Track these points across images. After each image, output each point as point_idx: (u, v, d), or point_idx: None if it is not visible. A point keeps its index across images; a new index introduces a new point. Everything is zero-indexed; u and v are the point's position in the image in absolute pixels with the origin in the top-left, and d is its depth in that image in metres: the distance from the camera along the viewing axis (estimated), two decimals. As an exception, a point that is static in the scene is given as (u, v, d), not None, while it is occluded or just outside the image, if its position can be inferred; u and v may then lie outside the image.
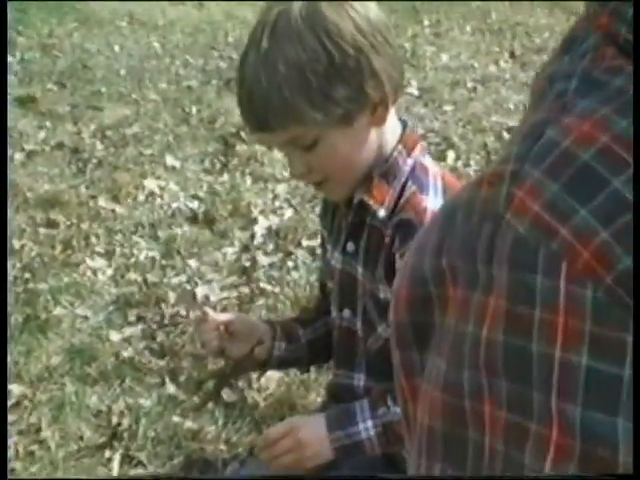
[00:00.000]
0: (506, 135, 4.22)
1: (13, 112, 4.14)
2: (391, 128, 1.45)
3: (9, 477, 2.02)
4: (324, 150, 1.38)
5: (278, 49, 1.34)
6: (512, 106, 4.60)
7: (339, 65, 1.34)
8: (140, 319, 2.77)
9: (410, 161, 1.45)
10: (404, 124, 1.50)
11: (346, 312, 1.56)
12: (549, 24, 5.88)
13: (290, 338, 1.70)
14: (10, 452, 2.17)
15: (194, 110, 4.37)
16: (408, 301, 0.52)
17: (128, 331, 2.71)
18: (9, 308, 2.67)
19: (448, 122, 4.32)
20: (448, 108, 4.50)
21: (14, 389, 2.38)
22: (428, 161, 1.50)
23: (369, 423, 1.48)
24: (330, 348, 1.67)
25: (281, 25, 1.35)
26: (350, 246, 1.50)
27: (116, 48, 5.15)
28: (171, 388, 2.47)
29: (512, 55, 5.43)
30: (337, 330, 1.60)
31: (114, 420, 2.33)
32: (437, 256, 0.50)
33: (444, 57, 5.48)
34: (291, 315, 2.81)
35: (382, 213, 1.43)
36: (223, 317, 1.66)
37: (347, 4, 1.37)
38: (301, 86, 1.33)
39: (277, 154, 3.94)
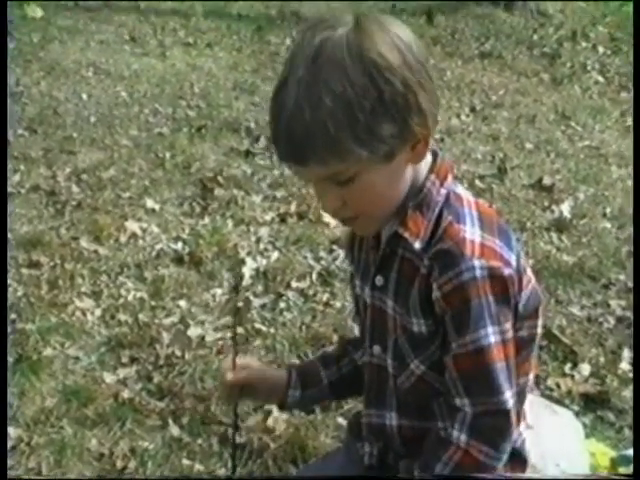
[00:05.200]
0: (478, 183, 4.23)
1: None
2: (424, 159, 1.38)
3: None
4: (361, 186, 1.30)
5: (323, 81, 1.24)
6: (480, 156, 4.62)
7: (387, 101, 1.26)
8: (134, 360, 2.65)
9: (443, 191, 1.38)
10: (434, 153, 1.44)
11: (376, 348, 1.48)
12: (502, 82, 5.97)
13: (308, 382, 1.63)
14: (11, 497, 2.03)
15: (167, 156, 4.29)
16: None
17: (122, 372, 2.59)
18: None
19: (422, 170, 4.33)
20: (419, 157, 4.51)
21: (10, 432, 2.23)
22: (461, 189, 1.43)
23: None
24: (357, 385, 1.58)
25: (325, 55, 1.25)
26: (379, 280, 1.43)
27: (84, 96, 5.07)
28: (174, 430, 2.35)
29: (473, 110, 5.49)
30: (368, 367, 1.52)
31: (118, 464, 2.20)
32: None
33: (408, 110, 5.52)
34: (291, 356, 2.76)
35: (418, 245, 1.36)
36: (242, 378, 1.58)
37: (390, 31, 1.28)
38: (348, 122, 1.24)
39: (256, 198, 3.89)
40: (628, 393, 2.61)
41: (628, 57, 6.32)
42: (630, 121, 5.12)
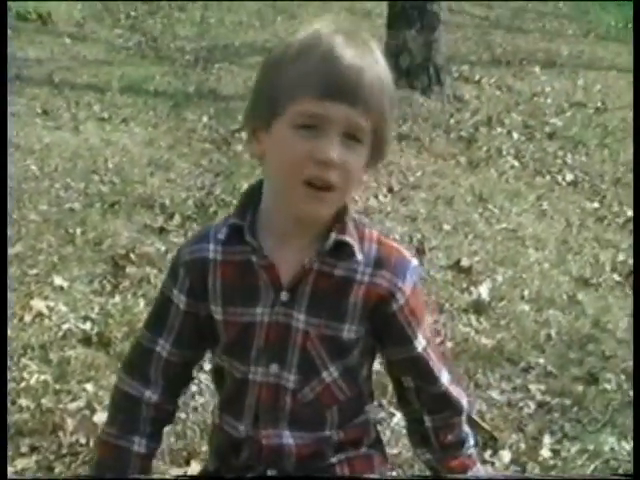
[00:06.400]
0: (396, 264, 4.19)
1: None
2: None
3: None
4: (357, 155, 1.41)
5: (369, 49, 1.42)
6: (398, 236, 4.60)
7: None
8: (34, 449, 2.49)
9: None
10: None
11: (273, 367, 1.49)
12: (419, 164, 6.01)
13: None
14: None
15: (78, 232, 4.15)
16: None
17: (21, 463, 2.42)
18: None
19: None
20: (337, 236, 4.46)
21: None
22: None
23: None
24: None
25: (358, 34, 1.44)
26: (284, 295, 1.45)
27: (-8, 169, 4.90)
28: (76, 526, 2.19)
29: (390, 190, 5.49)
30: (264, 388, 1.51)
31: None
32: None
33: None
34: (202, 442, 2.62)
35: (360, 257, 1.46)
36: None
37: None
38: (391, 86, 1.45)
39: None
40: (550, 481, 2.55)
41: (542, 144, 6.45)
42: (546, 205, 5.20)
